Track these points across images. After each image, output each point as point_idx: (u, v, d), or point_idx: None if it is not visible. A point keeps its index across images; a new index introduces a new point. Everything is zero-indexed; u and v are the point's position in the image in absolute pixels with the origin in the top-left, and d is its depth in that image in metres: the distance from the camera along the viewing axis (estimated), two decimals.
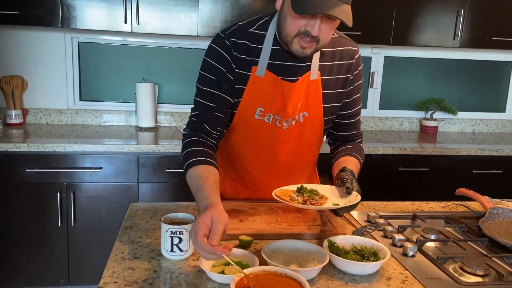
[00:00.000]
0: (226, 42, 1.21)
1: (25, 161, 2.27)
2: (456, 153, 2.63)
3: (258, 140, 1.29)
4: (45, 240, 2.37)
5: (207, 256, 0.91)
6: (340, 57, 1.27)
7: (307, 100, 1.25)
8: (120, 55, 2.88)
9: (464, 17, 2.75)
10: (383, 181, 2.60)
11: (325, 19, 1.08)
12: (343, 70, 1.28)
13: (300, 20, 1.09)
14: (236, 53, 1.21)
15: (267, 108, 1.24)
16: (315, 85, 1.24)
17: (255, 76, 1.21)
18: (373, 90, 3.17)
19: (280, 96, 1.23)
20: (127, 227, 1.23)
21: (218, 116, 1.24)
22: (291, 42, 1.13)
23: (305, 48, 1.12)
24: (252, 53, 1.21)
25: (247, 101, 1.24)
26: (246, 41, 1.21)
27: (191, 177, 1.14)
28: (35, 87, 2.82)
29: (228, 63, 1.22)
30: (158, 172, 2.41)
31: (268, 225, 1.23)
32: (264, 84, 1.22)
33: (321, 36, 1.10)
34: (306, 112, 1.26)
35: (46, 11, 2.42)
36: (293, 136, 1.29)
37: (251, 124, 1.26)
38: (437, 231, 1.26)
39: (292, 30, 1.11)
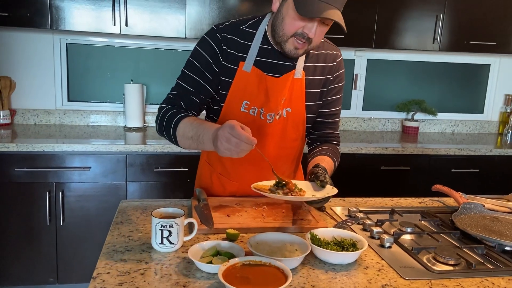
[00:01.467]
0: (217, 35, 1.30)
1: (13, 161, 2.29)
2: (435, 152, 2.73)
3: None
4: (33, 239, 2.39)
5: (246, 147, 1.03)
6: (324, 59, 1.37)
7: (290, 97, 1.33)
8: (108, 56, 2.91)
9: (443, 22, 2.86)
10: (366, 179, 2.69)
11: (320, 23, 1.18)
12: (325, 71, 1.38)
13: (299, 22, 1.17)
14: (226, 47, 1.29)
15: (252, 101, 1.32)
16: (299, 84, 1.33)
17: (241, 71, 1.30)
18: (357, 91, 3.26)
19: (264, 90, 1.31)
20: (118, 222, 1.28)
21: (194, 100, 1.32)
22: (286, 42, 1.21)
23: (298, 48, 1.22)
24: (241, 49, 1.29)
25: (234, 94, 1.32)
26: (236, 37, 1.30)
27: (185, 124, 1.22)
28: (23, 87, 2.83)
29: (216, 55, 1.30)
30: (146, 171, 2.45)
31: (254, 220, 1.29)
32: (250, 79, 1.30)
33: (315, 38, 1.20)
34: (290, 108, 1.35)
35: (34, 13, 2.44)
36: (277, 130, 1.37)
37: (237, 117, 1.32)
38: (413, 225, 1.34)
39: (290, 31, 1.19)
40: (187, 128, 1.21)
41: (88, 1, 2.48)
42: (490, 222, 1.36)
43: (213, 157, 1.48)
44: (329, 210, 1.45)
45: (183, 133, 1.23)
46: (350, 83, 3.24)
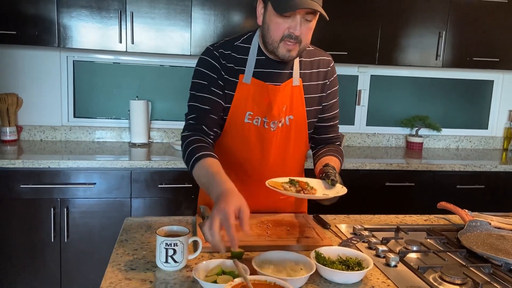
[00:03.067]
0: (215, 52, 1.36)
1: (19, 177, 2.30)
2: (440, 168, 2.72)
3: (249, 143, 1.39)
4: (38, 256, 2.39)
5: (217, 246, 1.00)
6: (317, 65, 1.43)
7: (291, 104, 1.38)
8: (114, 73, 2.95)
9: (445, 38, 2.88)
10: (370, 195, 2.68)
11: (303, 20, 1.23)
12: (320, 76, 1.43)
13: (283, 24, 1.23)
14: (224, 62, 1.35)
15: (255, 111, 1.36)
16: (298, 91, 1.39)
17: (242, 83, 1.35)
18: (360, 107, 3.27)
19: (266, 99, 1.36)
20: (122, 240, 1.28)
21: (212, 118, 1.34)
22: (278, 47, 1.26)
23: (291, 50, 1.26)
24: (239, 63, 1.35)
25: (237, 106, 1.36)
26: (233, 52, 1.36)
27: (202, 168, 1.21)
28: (30, 104, 2.87)
29: (218, 70, 1.35)
30: (151, 187, 2.46)
31: (258, 238, 1.29)
32: (251, 90, 1.35)
33: (302, 37, 1.25)
34: (292, 116, 1.39)
35: (42, 31, 2.49)
36: (280, 138, 1.40)
37: (241, 128, 1.37)
38: (418, 243, 1.33)
39: (277, 35, 1.24)
40: (201, 174, 1.22)
41: (95, 19, 2.53)
42: (497, 240, 1.34)
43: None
44: (334, 228, 1.45)
45: (198, 177, 1.24)
46: (354, 99, 3.26)
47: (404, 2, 2.81)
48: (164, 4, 2.58)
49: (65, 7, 2.49)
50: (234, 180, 1.41)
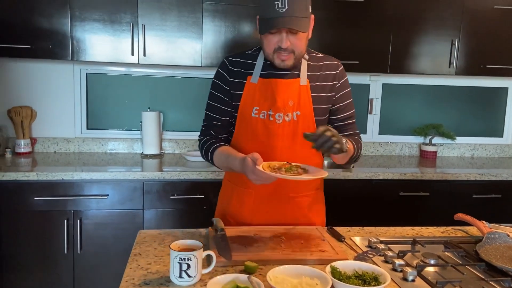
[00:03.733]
0: (225, 61, 1.55)
1: (33, 189, 2.32)
2: (455, 177, 2.68)
3: (257, 136, 1.49)
4: (52, 267, 2.40)
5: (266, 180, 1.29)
6: (326, 68, 1.53)
7: (299, 101, 1.47)
8: (126, 85, 2.98)
9: (458, 46, 2.85)
10: (384, 206, 2.64)
11: (290, 33, 1.35)
12: (329, 78, 1.52)
13: (272, 39, 1.38)
14: (232, 67, 1.52)
15: (261, 106, 1.48)
16: (305, 89, 1.48)
17: (249, 82, 1.49)
18: (372, 116, 3.25)
19: (270, 92, 1.47)
20: (136, 254, 1.28)
21: (218, 124, 1.56)
22: (273, 59, 1.42)
23: (284, 60, 1.40)
24: (247, 67, 1.51)
25: (245, 102, 1.49)
26: (242, 59, 1.53)
27: (218, 157, 1.49)
28: (44, 116, 2.90)
29: (224, 77, 1.52)
30: (163, 198, 2.46)
31: (272, 251, 1.28)
32: (258, 87, 1.48)
33: (294, 47, 1.38)
34: (299, 111, 1.47)
35: (56, 45, 2.53)
36: (287, 131, 1.47)
37: (250, 122, 1.49)
38: (436, 256, 1.30)
39: (269, 49, 1.40)
40: (220, 159, 1.49)
41: (107, 32, 2.56)
42: None
43: (233, 174, 1.58)
44: (349, 241, 1.43)
45: (219, 163, 1.52)
46: (366, 108, 3.23)
47: (416, 10, 2.80)
48: (175, 17, 2.60)
49: (78, 21, 2.53)
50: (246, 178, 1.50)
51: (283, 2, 1.30)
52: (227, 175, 1.65)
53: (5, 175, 2.28)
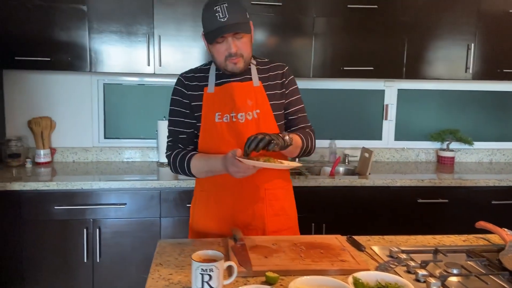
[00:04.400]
0: (180, 78, 1.64)
1: (54, 198, 2.36)
2: (474, 184, 2.64)
3: (224, 139, 1.56)
4: (71, 276, 2.43)
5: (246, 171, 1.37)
6: (274, 69, 1.66)
7: (256, 100, 1.58)
8: (142, 95, 3.02)
9: (474, 51, 2.83)
10: (402, 212, 2.61)
11: (234, 39, 1.47)
12: (278, 77, 1.65)
13: (220, 49, 1.49)
14: (188, 82, 1.62)
15: (222, 110, 1.56)
16: (259, 89, 1.60)
17: (207, 93, 1.59)
18: (388, 122, 3.23)
19: (228, 96, 1.56)
20: (157, 264, 1.29)
21: (185, 137, 1.62)
22: (225, 66, 1.52)
23: (236, 63, 1.51)
24: (202, 80, 1.61)
25: (206, 110, 1.58)
26: (195, 74, 1.63)
27: (196, 163, 1.55)
28: (63, 127, 2.96)
29: (181, 92, 1.62)
30: (179, 207, 2.48)
31: (292, 261, 1.28)
32: (215, 96, 1.58)
33: (242, 51, 1.50)
34: (258, 110, 1.57)
35: (75, 57, 2.58)
36: (251, 129, 1.55)
37: (215, 127, 1.57)
38: (459, 266, 1.28)
39: (220, 58, 1.51)
40: (198, 165, 1.55)
41: (124, 43, 2.60)
42: None
43: (206, 183, 1.64)
44: (369, 250, 1.42)
45: (197, 171, 1.56)
46: (381, 114, 3.22)
47: (430, 15, 2.78)
48: (190, 27, 2.63)
49: (96, 33, 2.58)
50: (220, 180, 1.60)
51: (223, 12, 1.43)
52: (199, 186, 1.69)
53: (26, 185, 2.33)
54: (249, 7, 2.63)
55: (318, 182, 2.53)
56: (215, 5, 1.44)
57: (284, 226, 1.64)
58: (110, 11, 2.57)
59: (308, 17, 2.72)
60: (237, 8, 1.46)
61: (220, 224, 1.61)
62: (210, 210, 1.64)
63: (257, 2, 2.64)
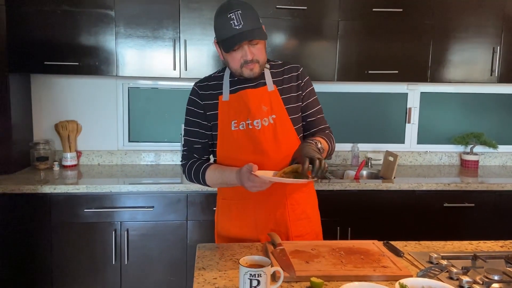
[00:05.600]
0: (194, 88, 1.64)
1: (83, 201, 2.40)
2: (501, 188, 2.62)
3: (242, 147, 1.55)
4: (100, 278, 2.46)
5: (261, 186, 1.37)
6: (288, 71, 1.63)
7: (271, 105, 1.56)
8: (166, 98, 3.05)
9: (500, 53, 2.80)
10: (429, 217, 2.60)
11: (249, 46, 1.46)
12: (293, 79, 1.62)
13: (236, 56, 1.48)
14: (202, 92, 1.61)
15: (238, 118, 1.55)
16: (274, 94, 1.58)
17: (222, 101, 1.58)
18: (411, 125, 3.21)
19: (243, 104, 1.55)
20: (200, 268, 1.30)
21: (200, 148, 1.63)
22: (241, 72, 1.51)
23: (252, 69, 1.50)
24: (216, 88, 1.60)
25: (222, 119, 1.58)
26: (209, 82, 1.63)
27: (211, 174, 1.56)
28: (88, 130, 3.00)
29: (196, 102, 1.62)
30: (206, 210, 2.50)
31: (334, 267, 1.28)
32: (231, 103, 1.57)
33: (257, 57, 1.49)
34: (274, 115, 1.56)
35: (102, 62, 2.62)
36: (268, 135, 1.55)
37: (231, 136, 1.56)
38: (500, 272, 1.28)
39: (236, 66, 1.50)
40: (213, 177, 1.56)
41: (151, 48, 2.64)
42: None
43: (227, 191, 1.65)
44: (408, 256, 1.42)
45: (212, 182, 1.58)
46: (404, 117, 3.21)
47: (455, 18, 2.77)
48: None
49: (123, 38, 2.61)
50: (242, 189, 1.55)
51: (238, 19, 1.41)
52: (220, 194, 1.70)
53: (56, 188, 2.37)
54: (274, 11, 2.66)
55: (343, 186, 2.53)
56: (229, 12, 1.42)
57: (307, 230, 1.65)
58: (137, 16, 2.61)
59: (333, 21, 2.72)
60: (251, 14, 1.44)
61: (243, 231, 1.62)
62: (232, 218, 1.64)
63: (282, 6, 2.65)
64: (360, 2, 2.71)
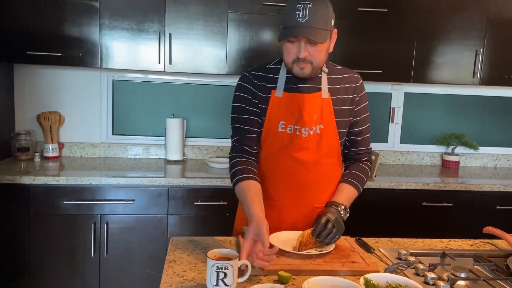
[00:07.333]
0: (248, 75, 1.55)
1: (62, 193, 2.39)
2: (479, 188, 2.66)
3: (283, 150, 1.51)
4: (78, 270, 2.46)
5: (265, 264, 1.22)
6: (346, 81, 1.54)
7: (321, 114, 1.49)
8: (151, 92, 3.04)
9: (483, 56, 2.84)
10: (407, 215, 2.64)
11: (308, 44, 1.37)
12: (349, 91, 1.53)
13: (291, 49, 1.40)
14: (256, 81, 1.52)
15: (288, 120, 1.49)
16: (327, 103, 1.50)
17: (274, 97, 1.50)
18: (394, 125, 3.24)
19: (297, 107, 1.48)
20: (171, 261, 1.31)
21: (251, 136, 1.53)
22: (292, 68, 1.43)
23: (303, 68, 1.41)
24: (270, 81, 1.52)
25: (270, 117, 1.50)
26: (264, 73, 1.54)
27: (238, 192, 1.46)
28: (71, 122, 2.98)
29: (251, 90, 1.53)
30: (187, 204, 2.50)
31: (304, 261, 1.30)
32: (283, 102, 1.49)
33: (312, 58, 1.40)
34: (322, 125, 1.50)
35: (86, 53, 2.60)
36: (312, 145, 1.50)
37: (276, 136, 1.51)
38: (467, 270, 1.30)
39: (289, 59, 1.42)
40: (240, 195, 1.46)
41: (135, 41, 2.62)
42: None
43: None
44: (378, 252, 1.44)
45: (238, 197, 1.48)
46: (387, 117, 3.23)
47: (440, 20, 2.79)
48: (201, 26, 2.65)
49: (107, 30, 2.60)
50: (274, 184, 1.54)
51: (304, 12, 1.33)
52: None
53: (36, 179, 2.35)
54: (260, 7, 2.65)
55: None
56: (300, 2, 1.34)
57: None
58: (121, 8, 2.59)
59: None
60: (321, 13, 1.35)
61: None
62: None
63: (269, 3, 2.66)
64: (346, 1, 2.72)
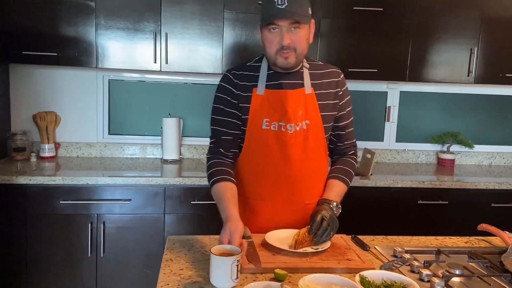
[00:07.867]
0: (228, 75, 1.54)
1: (59, 193, 2.39)
2: (474, 186, 2.68)
3: (269, 148, 1.49)
4: (75, 270, 2.46)
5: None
6: (328, 76, 1.55)
7: (306, 110, 1.49)
8: (147, 91, 3.04)
9: (477, 55, 2.86)
10: (403, 213, 2.65)
11: (290, 30, 1.37)
12: (332, 85, 1.54)
13: (273, 39, 1.39)
14: (237, 81, 1.51)
15: (271, 117, 1.48)
16: (311, 98, 1.50)
17: (256, 94, 1.49)
18: (390, 123, 3.26)
19: (280, 103, 1.48)
20: (168, 259, 1.32)
21: (228, 139, 1.52)
22: (276, 59, 1.42)
23: (287, 58, 1.41)
24: (252, 79, 1.51)
25: (253, 115, 1.49)
26: (245, 72, 1.53)
27: (214, 192, 1.46)
28: (67, 122, 2.97)
29: (230, 90, 1.51)
30: (183, 203, 2.50)
31: (300, 259, 1.31)
32: (265, 99, 1.49)
33: (295, 45, 1.39)
34: (308, 120, 1.49)
35: (82, 53, 2.60)
36: (299, 141, 1.49)
37: (261, 134, 1.49)
38: (461, 266, 1.32)
39: (272, 49, 1.41)
40: (215, 196, 1.46)
41: (131, 40, 2.62)
42: None
43: (243, 189, 1.56)
44: (373, 250, 1.45)
45: (214, 197, 1.47)
46: (383, 115, 3.25)
47: (435, 19, 2.81)
48: (197, 25, 2.65)
49: (103, 29, 2.59)
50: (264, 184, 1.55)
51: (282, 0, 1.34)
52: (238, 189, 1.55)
53: (32, 179, 2.35)
54: (256, 6, 2.66)
55: None
56: None
57: None
58: (117, 7, 2.59)
59: (314, 18, 2.73)
60: None
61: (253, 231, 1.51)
62: (245, 215, 1.53)
63: None
64: (341, 1, 2.73)
